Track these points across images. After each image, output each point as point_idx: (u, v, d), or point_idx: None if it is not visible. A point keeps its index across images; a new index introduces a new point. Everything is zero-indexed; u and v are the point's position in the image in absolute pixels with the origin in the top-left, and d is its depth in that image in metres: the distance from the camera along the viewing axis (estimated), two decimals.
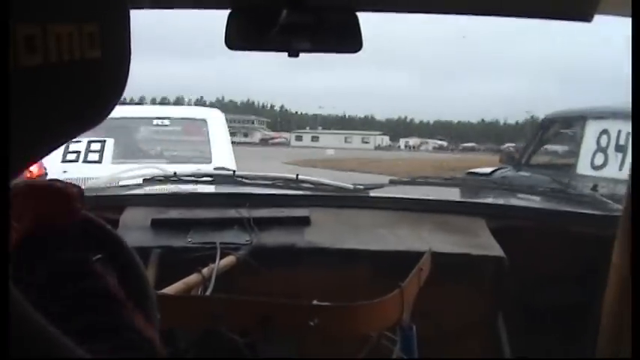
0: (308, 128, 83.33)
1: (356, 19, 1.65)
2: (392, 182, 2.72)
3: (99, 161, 5.77)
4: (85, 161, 5.74)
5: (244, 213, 2.08)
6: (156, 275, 1.73)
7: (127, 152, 6.08)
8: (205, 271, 1.67)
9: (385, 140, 71.88)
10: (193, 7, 1.81)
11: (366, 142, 69.11)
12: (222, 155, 5.98)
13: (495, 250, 1.98)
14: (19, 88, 0.43)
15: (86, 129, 0.54)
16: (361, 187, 2.54)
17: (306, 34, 1.65)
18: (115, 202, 2.24)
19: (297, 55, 1.67)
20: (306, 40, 1.67)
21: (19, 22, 0.41)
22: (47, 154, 0.51)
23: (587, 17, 1.69)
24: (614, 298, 1.53)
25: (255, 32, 1.68)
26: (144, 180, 2.67)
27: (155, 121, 6.78)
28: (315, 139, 70.83)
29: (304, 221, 2.11)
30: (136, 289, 0.82)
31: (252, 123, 79.18)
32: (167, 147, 6.75)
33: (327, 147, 52.29)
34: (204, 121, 6.60)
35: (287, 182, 2.54)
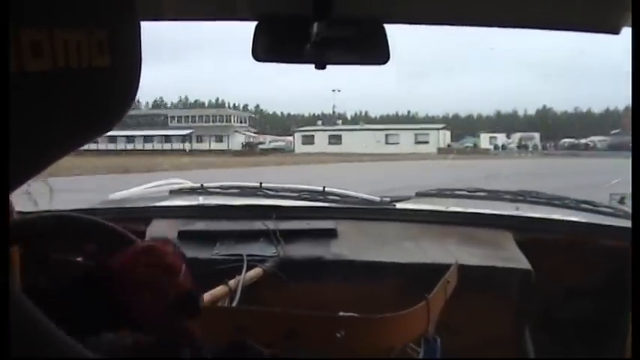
0: (320, 123, 51.82)
1: (383, 30, 1.64)
2: (418, 194, 2.71)
3: None
4: None
5: (271, 225, 2.08)
6: None
7: None
8: (232, 282, 1.67)
9: (448, 137, 44.00)
10: (223, 18, 1.82)
11: (424, 142, 40.71)
12: None
13: (522, 262, 1.96)
14: (26, 93, 0.43)
15: (96, 135, 0.54)
16: (388, 199, 2.54)
17: (334, 46, 1.65)
18: (142, 214, 2.26)
19: (324, 67, 1.67)
20: (333, 52, 1.67)
21: (24, 27, 0.42)
22: (57, 160, 0.51)
23: (615, 29, 1.67)
24: None
25: (282, 44, 1.69)
26: (170, 192, 2.69)
27: None
28: (334, 139, 43.70)
29: (331, 233, 2.11)
30: None
31: (228, 121, 51.86)
32: None
33: (362, 155, 31.55)
34: None
35: (313, 194, 2.54)
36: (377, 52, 1.68)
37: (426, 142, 40.21)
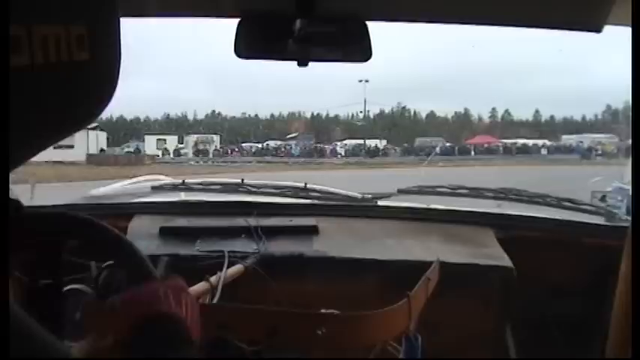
0: None
1: (365, 28, 1.65)
2: (400, 191, 2.71)
3: None
4: None
5: (252, 222, 2.08)
6: None
7: None
8: (213, 279, 1.66)
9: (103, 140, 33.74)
10: (205, 16, 1.81)
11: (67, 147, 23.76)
12: None
13: (504, 260, 1.97)
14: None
15: (75, 130, 0.54)
16: (369, 196, 2.54)
17: (316, 43, 1.65)
18: (124, 210, 2.24)
19: (306, 65, 1.67)
20: (316, 49, 1.67)
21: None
22: (36, 153, 0.51)
23: (596, 28, 1.69)
24: (623, 309, 1.52)
25: (265, 41, 1.68)
26: (152, 188, 2.68)
27: None
28: None
29: (312, 230, 2.11)
30: None
31: None
32: None
33: None
34: None
35: (295, 191, 2.54)
36: (359, 49, 1.68)
37: (71, 147, 25.60)
